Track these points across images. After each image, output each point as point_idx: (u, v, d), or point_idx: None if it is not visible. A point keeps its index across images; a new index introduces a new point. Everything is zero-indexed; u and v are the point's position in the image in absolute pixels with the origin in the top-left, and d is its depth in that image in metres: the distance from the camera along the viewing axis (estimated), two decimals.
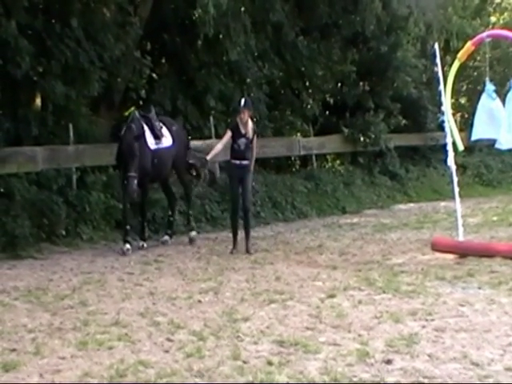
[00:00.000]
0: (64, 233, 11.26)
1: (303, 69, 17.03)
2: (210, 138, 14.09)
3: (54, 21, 12.32)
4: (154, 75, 15.02)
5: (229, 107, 14.93)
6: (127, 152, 10.31)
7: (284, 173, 16.38)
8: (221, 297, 7.44)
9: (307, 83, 17.55)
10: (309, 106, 17.12)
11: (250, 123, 10.45)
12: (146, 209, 11.33)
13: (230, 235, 10.71)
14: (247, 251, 10.23)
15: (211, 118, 14.47)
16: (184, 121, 14.05)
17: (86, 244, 11.29)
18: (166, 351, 5.55)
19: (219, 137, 13.64)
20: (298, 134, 16.94)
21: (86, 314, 6.75)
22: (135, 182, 10.18)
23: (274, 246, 10.99)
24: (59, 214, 11.23)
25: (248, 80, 15.56)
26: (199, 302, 7.25)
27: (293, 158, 17.74)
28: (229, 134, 10.36)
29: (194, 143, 12.87)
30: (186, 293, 7.65)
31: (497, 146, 10.00)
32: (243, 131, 10.31)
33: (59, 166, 12.09)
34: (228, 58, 14.78)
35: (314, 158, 17.10)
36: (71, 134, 12.26)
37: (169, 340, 5.84)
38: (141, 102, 13.52)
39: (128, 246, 10.46)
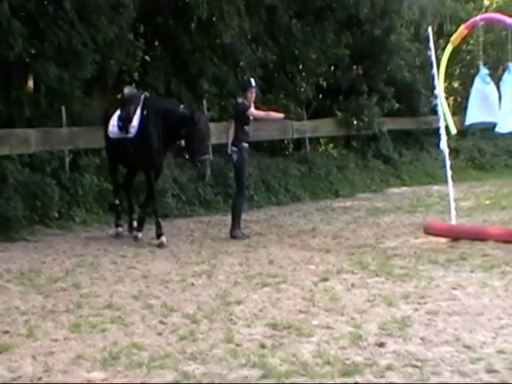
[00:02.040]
0: (57, 215, 11.23)
1: (297, 52, 16.96)
2: None
3: (46, 2, 12.22)
4: (148, 58, 14.96)
5: (222, 90, 14.87)
6: (206, 135, 9.88)
7: (277, 156, 16.35)
8: (214, 280, 7.42)
9: (301, 66, 17.49)
10: (302, 90, 17.05)
11: None
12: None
13: (225, 218, 10.67)
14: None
15: (204, 101, 14.40)
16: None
17: (79, 227, 11.25)
18: (159, 334, 5.54)
19: (211, 120, 13.59)
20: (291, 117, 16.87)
21: (79, 297, 6.73)
22: None
23: (267, 229, 10.98)
24: (52, 196, 11.18)
25: (241, 63, 15.49)
26: (192, 285, 7.23)
27: (286, 142, 17.70)
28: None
29: None
30: (180, 276, 7.63)
31: (497, 129, 9.98)
32: None
33: (52, 148, 12.04)
34: (222, 40, 14.70)
35: (307, 141, 17.06)
36: (64, 116, 12.22)
37: (162, 323, 5.82)
38: (134, 85, 13.43)
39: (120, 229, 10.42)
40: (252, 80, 10.53)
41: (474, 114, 10.06)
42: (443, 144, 10.05)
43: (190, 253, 9.04)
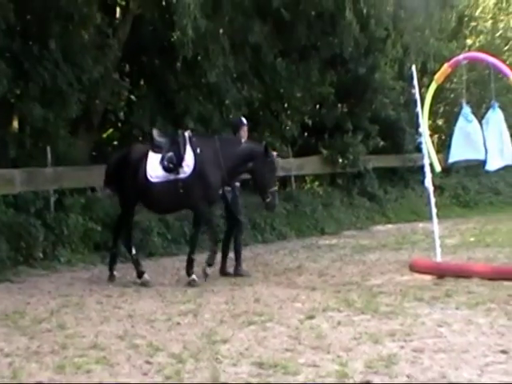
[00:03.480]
0: (42, 256, 11.20)
1: (282, 90, 17.14)
2: None
3: (31, 43, 12.33)
4: (133, 97, 15.07)
5: (208, 128, 14.98)
6: (277, 167, 10.16)
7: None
8: (200, 319, 7.44)
9: (286, 105, 17.65)
10: (287, 128, 17.21)
11: None
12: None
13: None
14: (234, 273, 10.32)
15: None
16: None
17: (64, 267, 11.23)
18: (145, 374, 5.54)
19: None
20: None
21: (64, 337, 6.72)
22: None
23: (253, 267, 11.00)
24: (37, 236, 11.18)
25: (227, 101, 15.62)
26: (178, 324, 7.25)
27: None
28: None
29: None
30: (165, 315, 7.65)
31: (486, 167, 10.19)
32: None
33: (37, 188, 12.04)
34: (207, 79, 14.85)
35: (292, 179, 17.17)
36: (49, 156, 12.24)
37: (148, 363, 5.83)
38: (119, 124, 13.54)
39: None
40: (243, 118, 10.71)
41: (457, 152, 10.24)
42: (428, 181, 10.18)
43: (176, 291, 9.06)
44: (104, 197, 12.39)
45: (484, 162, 10.16)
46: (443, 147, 18.55)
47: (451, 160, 10.45)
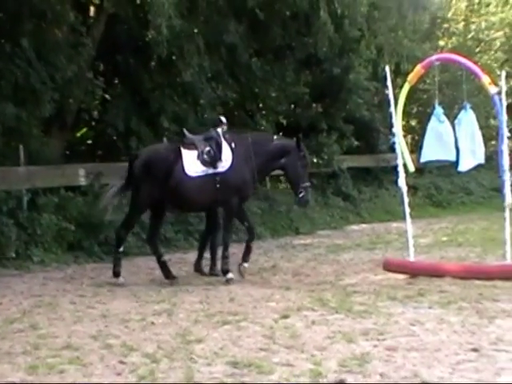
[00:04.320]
0: (14, 255, 11.09)
1: (257, 90, 17.17)
2: None
3: (3, 41, 12.22)
4: (107, 96, 14.98)
5: (183, 128, 14.92)
6: (309, 162, 10.28)
7: None
8: (174, 318, 7.42)
9: (261, 105, 17.69)
10: (262, 128, 17.22)
11: None
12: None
13: (185, 256, 10.70)
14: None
15: (165, 140, 14.45)
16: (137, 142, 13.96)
17: (37, 267, 11.13)
18: (119, 374, 5.51)
19: None
20: None
21: (37, 338, 6.66)
22: None
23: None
24: (9, 236, 11.07)
25: (202, 101, 15.61)
26: (152, 323, 7.22)
27: None
28: None
29: None
30: (139, 315, 7.61)
31: (459, 168, 10.29)
32: None
33: (10, 187, 11.91)
34: (182, 79, 14.83)
35: (267, 178, 17.16)
36: (22, 155, 12.12)
37: (121, 363, 5.80)
38: (93, 123, 13.46)
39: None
40: (222, 117, 10.71)
41: (429, 152, 10.33)
42: (401, 181, 10.23)
43: (150, 291, 9.02)
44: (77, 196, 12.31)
45: (456, 163, 10.26)
46: (416, 147, 18.61)
47: (423, 160, 10.52)
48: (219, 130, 10.08)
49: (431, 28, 23.50)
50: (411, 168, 10.35)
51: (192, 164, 9.68)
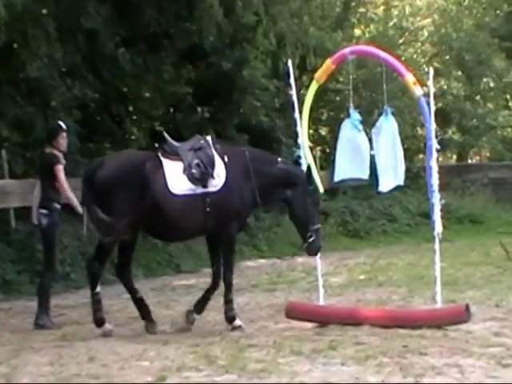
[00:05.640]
0: None
1: (126, 89, 17.15)
2: (2, 177, 13.80)
3: None
4: None
5: (28, 137, 14.71)
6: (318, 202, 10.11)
7: None
8: None
9: (131, 108, 17.66)
10: (133, 137, 17.20)
11: None
12: None
13: (30, 304, 10.49)
14: None
15: (4, 152, 14.18)
16: None
17: None
18: None
19: (14, 176, 13.40)
20: None
21: None
22: None
23: (87, 316, 10.82)
24: None
25: (53, 103, 15.44)
26: None
27: None
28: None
29: None
30: None
31: (380, 189, 10.46)
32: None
33: None
34: (26, 74, 14.62)
35: None
36: None
37: None
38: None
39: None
40: (61, 123, 10.64)
41: (345, 169, 10.47)
42: None
43: None
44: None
45: (376, 183, 10.46)
46: (327, 163, 19.04)
47: (336, 179, 10.69)
48: (208, 138, 9.96)
49: (344, 13, 24.15)
50: (320, 189, 10.52)
51: (176, 179, 9.49)
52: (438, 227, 9.59)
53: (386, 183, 10.33)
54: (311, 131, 19.25)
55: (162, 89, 17.42)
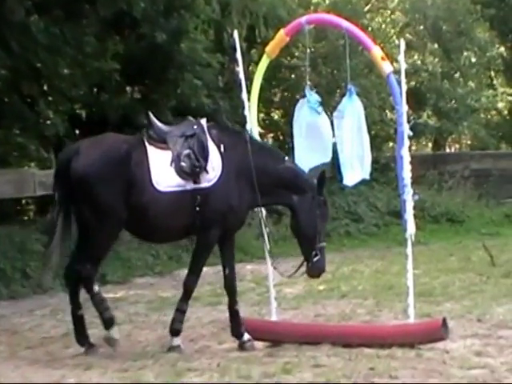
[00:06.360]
0: None
1: (39, 65, 16.98)
2: None
3: None
4: None
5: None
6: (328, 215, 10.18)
7: (10, 224, 16.13)
8: None
9: (46, 87, 17.51)
10: (49, 122, 17.06)
11: None
12: None
13: None
14: None
15: None
16: None
17: None
18: None
19: None
20: (33, 165, 16.80)
21: None
22: None
23: None
24: None
25: None
26: None
27: (24, 202, 17.52)
28: None
29: None
30: None
31: (344, 182, 10.45)
32: None
33: None
34: None
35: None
36: None
37: None
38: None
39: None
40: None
41: (305, 159, 10.45)
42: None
43: None
44: None
45: (340, 176, 10.46)
46: (282, 151, 19.03)
47: None
48: (203, 121, 10.04)
49: None
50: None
51: (162, 172, 9.45)
52: (411, 228, 9.66)
53: (352, 176, 10.31)
54: (262, 115, 19.24)
55: (84, 64, 17.27)
